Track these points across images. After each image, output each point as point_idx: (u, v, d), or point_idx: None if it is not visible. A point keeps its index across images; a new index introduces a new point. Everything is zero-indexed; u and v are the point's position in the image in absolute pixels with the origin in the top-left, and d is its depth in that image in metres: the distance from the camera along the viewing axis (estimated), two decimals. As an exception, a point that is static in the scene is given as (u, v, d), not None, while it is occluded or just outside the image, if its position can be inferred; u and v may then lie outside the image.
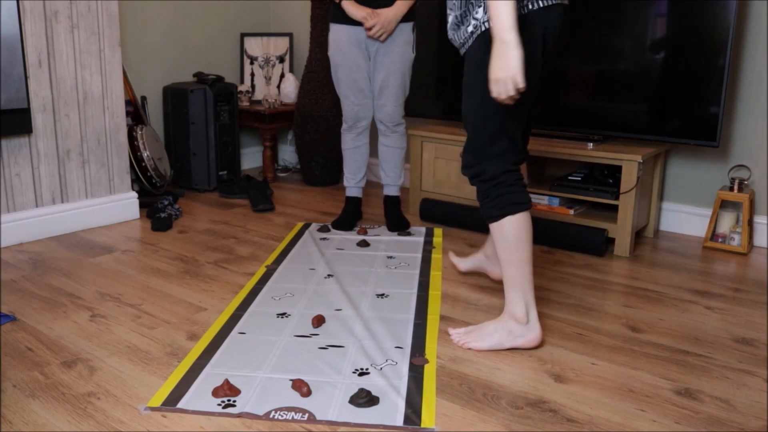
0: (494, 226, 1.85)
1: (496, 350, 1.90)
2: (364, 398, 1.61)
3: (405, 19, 2.82)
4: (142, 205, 3.28)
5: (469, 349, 1.90)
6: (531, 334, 1.88)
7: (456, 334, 1.96)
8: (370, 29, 2.75)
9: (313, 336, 1.98)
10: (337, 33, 2.86)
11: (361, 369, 1.78)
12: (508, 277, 1.86)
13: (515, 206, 1.81)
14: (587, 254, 2.76)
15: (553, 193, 2.94)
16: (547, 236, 2.85)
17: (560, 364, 1.85)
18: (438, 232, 3.02)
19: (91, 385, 1.71)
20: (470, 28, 1.79)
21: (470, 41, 1.80)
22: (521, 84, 1.64)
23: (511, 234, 1.82)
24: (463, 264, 2.38)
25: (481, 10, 1.75)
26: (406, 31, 2.83)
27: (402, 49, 2.83)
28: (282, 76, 4.26)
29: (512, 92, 1.65)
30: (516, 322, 1.88)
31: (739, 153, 2.90)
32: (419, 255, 2.71)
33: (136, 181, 3.39)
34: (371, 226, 3.08)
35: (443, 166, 3.24)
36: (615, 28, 2.85)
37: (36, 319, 2.10)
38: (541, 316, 2.16)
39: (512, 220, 1.81)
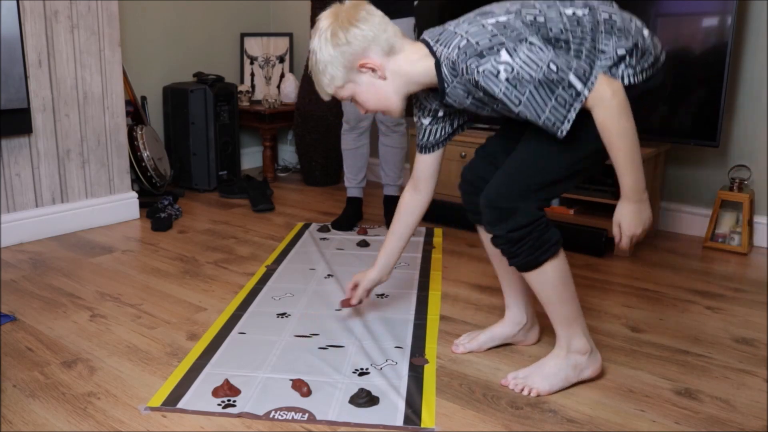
0: (534, 274, 1.62)
1: (494, 350, 1.90)
2: (364, 398, 1.61)
3: (404, 13, 2.80)
4: (142, 205, 3.28)
5: (538, 395, 1.67)
6: (596, 363, 1.72)
7: (514, 379, 1.71)
8: None
9: (313, 336, 1.98)
10: None
11: (361, 369, 1.78)
12: (563, 316, 1.66)
13: (556, 245, 1.60)
14: (587, 254, 2.76)
15: (553, 193, 2.93)
16: (547, 236, 2.85)
17: (560, 364, 1.84)
18: (438, 232, 3.02)
19: (91, 385, 1.71)
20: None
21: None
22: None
23: (558, 275, 1.62)
24: (474, 343, 1.92)
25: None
26: (407, 29, 2.82)
27: None
28: (282, 76, 4.26)
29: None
30: (580, 354, 1.69)
31: (739, 153, 2.90)
32: (419, 255, 2.71)
33: (136, 181, 3.39)
34: (371, 226, 3.08)
35: (443, 166, 3.22)
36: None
37: (36, 319, 2.10)
38: (541, 317, 2.15)
39: (555, 261, 1.60)
